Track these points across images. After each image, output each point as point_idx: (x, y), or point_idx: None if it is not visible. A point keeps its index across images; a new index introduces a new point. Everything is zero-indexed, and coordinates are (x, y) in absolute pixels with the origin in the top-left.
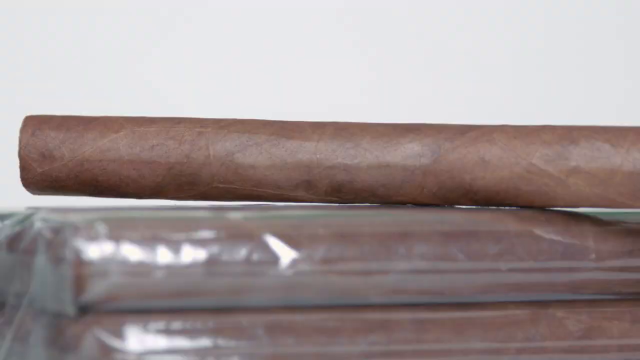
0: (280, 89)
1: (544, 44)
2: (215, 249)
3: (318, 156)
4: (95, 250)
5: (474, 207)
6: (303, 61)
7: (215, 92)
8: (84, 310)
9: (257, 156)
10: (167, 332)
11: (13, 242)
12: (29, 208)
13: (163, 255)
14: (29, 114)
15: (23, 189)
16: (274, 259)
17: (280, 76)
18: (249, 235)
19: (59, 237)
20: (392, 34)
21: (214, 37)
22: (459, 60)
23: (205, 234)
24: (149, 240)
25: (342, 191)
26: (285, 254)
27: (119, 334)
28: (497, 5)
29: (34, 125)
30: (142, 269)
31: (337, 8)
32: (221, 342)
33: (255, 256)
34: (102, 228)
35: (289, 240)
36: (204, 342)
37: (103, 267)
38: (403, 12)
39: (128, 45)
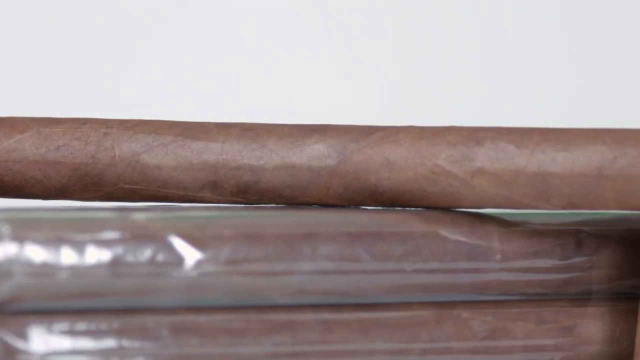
0: (245, 89)
1: (509, 44)
2: (119, 249)
3: (224, 157)
4: None
5: (379, 208)
6: (254, 61)
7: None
8: None
9: (162, 157)
10: (72, 332)
11: None
12: None
13: (67, 256)
14: None
15: None
16: (179, 259)
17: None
18: (154, 236)
19: None
20: (354, 32)
21: (162, 35)
22: (419, 61)
23: (110, 234)
24: (53, 241)
25: (248, 192)
26: (190, 254)
27: (23, 335)
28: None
29: None
30: (46, 270)
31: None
32: (125, 342)
33: (160, 257)
34: (5, 229)
35: (194, 241)
36: (109, 342)
37: (6, 268)
38: (364, 10)
39: (56, 45)
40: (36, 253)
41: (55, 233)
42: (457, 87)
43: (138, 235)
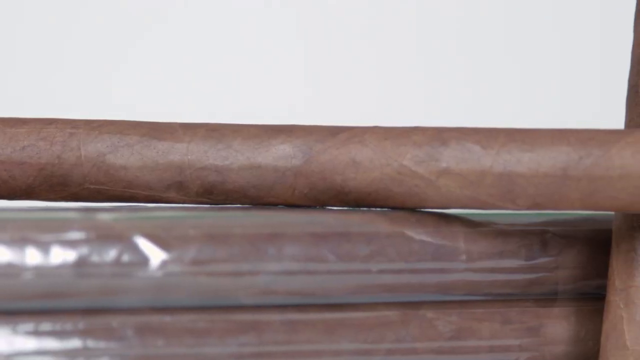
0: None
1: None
2: (84, 250)
3: (189, 157)
4: None
5: (345, 208)
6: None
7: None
8: None
9: (128, 157)
10: (36, 333)
11: None
12: None
13: (32, 257)
14: None
15: None
16: (144, 260)
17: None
18: (119, 237)
19: None
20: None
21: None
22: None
23: (75, 235)
24: (18, 242)
25: (213, 192)
26: (155, 255)
27: None
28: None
29: None
30: (10, 271)
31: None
32: (91, 343)
33: (125, 257)
34: None
35: (159, 241)
36: (74, 343)
37: None
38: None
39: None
40: (1, 253)
41: (20, 233)
42: (428, 87)
43: (103, 236)
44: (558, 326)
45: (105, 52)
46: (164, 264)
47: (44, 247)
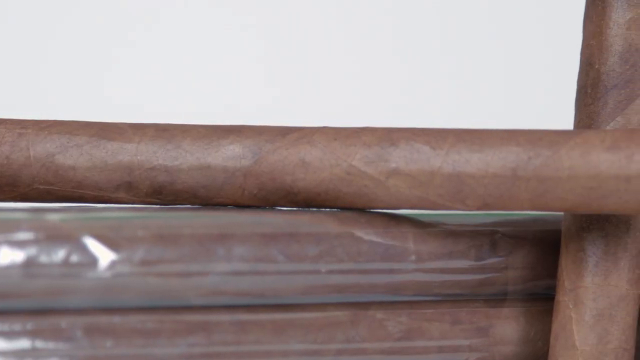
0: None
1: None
2: (33, 250)
3: (139, 157)
4: None
5: (294, 208)
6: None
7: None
8: None
9: (77, 157)
10: None
11: None
12: None
13: None
14: None
15: None
16: (93, 260)
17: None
18: (68, 237)
19: None
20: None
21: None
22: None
23: (24, 235)
24: None
25: (163, 193)
26: (104, 255)
27: None
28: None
29: None
30: None
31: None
32: (39, 343)
33: (74, 258)
34: None
35: (108, 241)
36: (22, 343)
37: None
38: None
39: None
40: None
41: None
42: (376, 88)
43: (52, 236)
44: (507, 326)
45: (64, 52)
46: (112, 264)
47: None
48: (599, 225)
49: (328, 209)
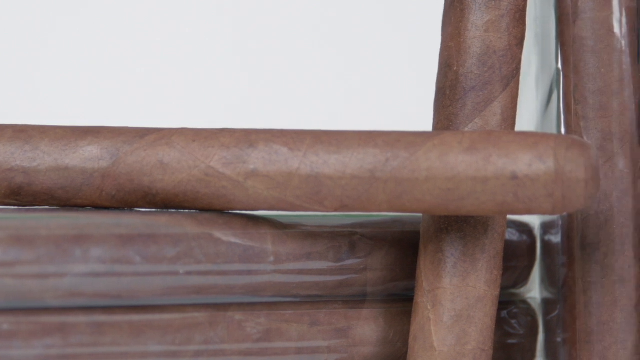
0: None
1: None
2: None
3: None
4: None
5: (153, 209)
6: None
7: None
8: None
9: None
10: None
11: None
12: None
13: None
14: None
15: None
16: None
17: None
18: None
19: None
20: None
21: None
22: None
23: None
24: None
25: (21, 194)
26: None
27: None
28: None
29: None
30: None
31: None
32: None
33: None
34: None
35: None
36: None
37: None
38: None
39: None
40: None
41: None
42: (260, 88)
43: None
44: (367, 327)
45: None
46: None
47: None
48: (457, 226)
49: (187, 210)
